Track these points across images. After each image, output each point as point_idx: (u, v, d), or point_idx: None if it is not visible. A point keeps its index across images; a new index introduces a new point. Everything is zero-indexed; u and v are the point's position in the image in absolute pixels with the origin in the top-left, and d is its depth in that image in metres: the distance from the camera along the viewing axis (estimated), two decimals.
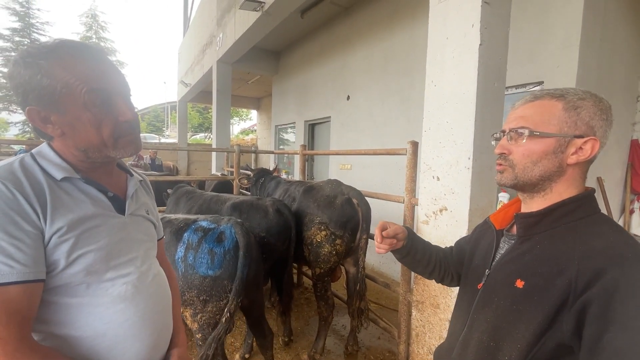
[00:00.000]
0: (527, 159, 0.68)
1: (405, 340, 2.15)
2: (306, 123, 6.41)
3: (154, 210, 0.92)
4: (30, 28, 15.65)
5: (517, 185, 0.71)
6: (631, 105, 3.19)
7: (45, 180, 0.65)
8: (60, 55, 0.64)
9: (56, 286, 0.65)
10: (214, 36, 6.71)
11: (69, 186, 0.69)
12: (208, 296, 1.57)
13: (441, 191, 1.73)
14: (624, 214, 3.26)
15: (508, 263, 0.71)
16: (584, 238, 0.62)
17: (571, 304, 0.58)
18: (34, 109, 0.65)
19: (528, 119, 0.68)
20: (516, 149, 0.70)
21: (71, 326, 0.66)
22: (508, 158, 0.71)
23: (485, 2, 1.51)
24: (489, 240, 0.82)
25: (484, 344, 0.71)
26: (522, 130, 0.68)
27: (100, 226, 0.70)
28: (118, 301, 0.71)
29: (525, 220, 0.71)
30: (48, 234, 0.63)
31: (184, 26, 11.59)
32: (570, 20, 2.37)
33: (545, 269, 0.63)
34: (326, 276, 2.22)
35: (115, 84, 0.70)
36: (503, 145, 0.72)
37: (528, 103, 0.70)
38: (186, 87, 9.76)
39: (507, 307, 0.67)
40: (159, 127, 25.95)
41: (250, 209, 2.17)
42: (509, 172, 0.71)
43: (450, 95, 1.66)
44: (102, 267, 0.69)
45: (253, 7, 4.29)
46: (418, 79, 3.69)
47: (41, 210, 0.62)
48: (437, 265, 0.97)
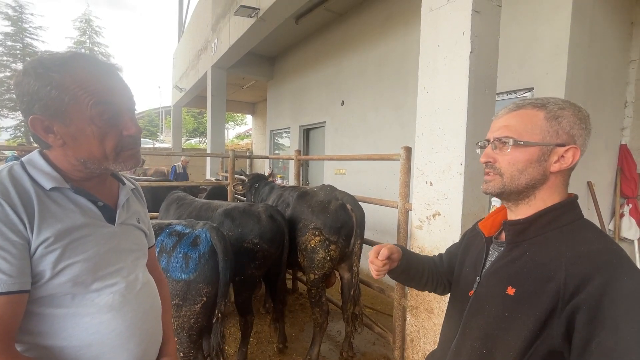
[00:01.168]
0: (513, 167, 0.69)
1: (400, 345, 2.14)
2: (301, 128, 6.43)
3: (145, 219, 0.91)
4: (23, 32, 15.54)
5: (503, 193, 0.72)
6: (619, 110, 3.25)
7: (33, 190, 0.64)
8: (73, 67, 0.64)
9: (41, 297, 0.64)
10: (209, 41, 6.72)
11: (59, 196, 0.68)
12: (181, 300, 1.57)
13: (434, 196, 1.75)
14: (614, 218, 3.30)
15: (498, 270, 0.72)
16: (571, 244, 0.63)
17: (560, 310, 0.58)
18: (37, 117, 0.64)
19: (512, 128, 0.69)
20: (502, 157, 0.71)
21: (56, 337, 0.65)
22: (495, 167, 0.72)
23: (475, 11, 1.54)
24: (479, 247, 0.82)
25: (477, 351, 0.71)
26: (506, 140, 0.69)
27: (88, 236, 0.69)
28: (104, 311, 0.70)
29: (513, 228, 0.72)
30: (34, 244, 0.62)
31: (179, 31, 11.60)
32: (559, 28, 2.43)
33: (535, 276, 0.64)
34: (321, 282, 2.21)
35: (123, 98, 0.70)
36: (488, 154, 0.73)
37: (511, 112, 0.71)
38: (181, 92, 9.74)
39: (498, 315, 0.67)
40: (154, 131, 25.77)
41: (243, 215, 2.16)
42: (498, 180, 0.72)
43: (442, 102, 1.68)
44: (88, 277, 0.68)
45: (248, 13, 4.32)
46: (411, 84, 3.73)
47: (28, 220, 0.61)
48: (429, 278, 0.97)
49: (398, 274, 0.93)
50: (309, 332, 2.74)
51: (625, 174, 3.22)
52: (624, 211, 3.24)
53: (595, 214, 3.04)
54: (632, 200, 3.22)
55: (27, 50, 15.47)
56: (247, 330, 2.20)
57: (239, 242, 2.08)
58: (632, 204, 3.21)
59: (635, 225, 3.16)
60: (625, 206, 3.25)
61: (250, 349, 2.35)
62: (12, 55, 15.27)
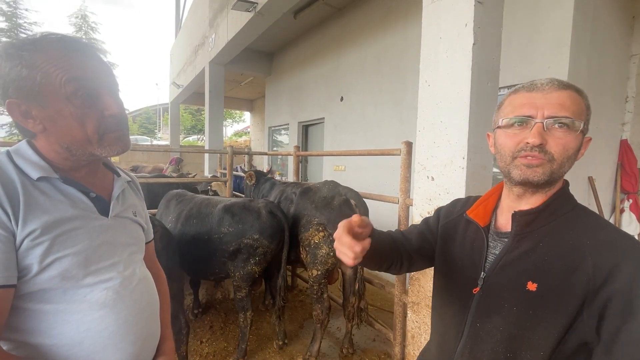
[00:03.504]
0: (565, 153, 0.62)
1: (401, 342, 2.13)
2: (300, 124, 6.39)
3: (142, 212, 0.88)
4: (17, 28, 15.32)
5: (546, 182, 0.63)
6: (620, 105, 3.24)
7: (19, 180, 0.61)
8: (43, 45, 0.61)
9: (29, 292, 0.61)
10: (206, 37, 6.65)
11: (47, 186, 0.65)
12: None
13: (436, 191, 1.72)
14: (614, 213, 3.30)
15: (510, 265, 0.67)
16: (590, 232, 0.62)
17: (590, 301, 0.56)
18: (13, 101, 0.61)
19: (569, 110, 0.61)
20: (554, 141, 0.61)
21: (45, 334, 0.63)
22: (546, 150, 0.62)
23: (478, 2, 1.51)
24: (476, 239, 0.75)
25: (500, 355, 0.65)
26: (567, 121, 0.60)
27: (79, 229, 0.66)
28: (97, 308, 0.67)
29: (525, 218, 0.67)
30: (20, 236, 0.59)
31: (176, 27, 11.49)
32: (561, 22, 2.40)
33: (557, 268, 0.61)
34: (323, 278, 2.19)
35: (100, 76, 0.66)
36: (542, 133, 0.61)
37: (562, 91, 0.62)
38: (178, 89, 9.66)
39: (522, 313, 0.63)
40: (151, 129, 25.65)
41: (243, 211, 2.13)
42: (546, 167, 0.62)
43: (444, 95, 1.66)
44: (79, 272, 0.65)
45: (245, 7, 4.26)
46: (411, 79, 3.70)
47: (12, 211, 0.58)
48: (390, 257, 0.83)
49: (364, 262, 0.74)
50: (309, 328, 2.73)
51: (625, 170, 3.21)
52: (624, 206, 3.24)
53: (596, 209, 3.03)
54: (632, 196, 3.21)
55: None
56: (246, 327, 2.19)
57: (239, 238, 2.06)
58: (632, 199, 3.21)
59: (635, 221, 3.16)
60: (626, 201, 3.24)
61: (249, 345, 2.33)
62: (3, 43, 15.13)
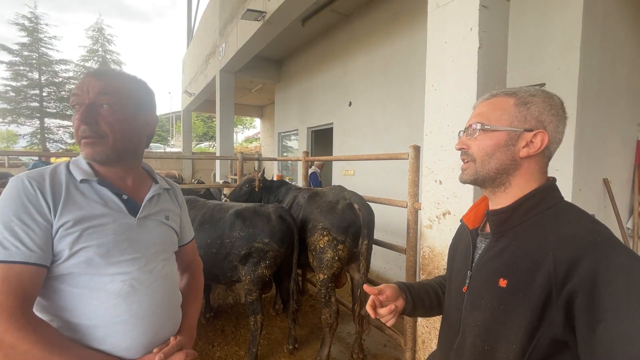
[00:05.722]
0: (483, 151, 0.71)
1: (412, 347, 2.11)
2: (309, 130, 6.45)
3: (175, 217, 0.96)
4: (38, 42, 16.00)
5: (477, 180, 0.74)
6: (636, 106, 3.16)
7: (65, 182, 0.76)
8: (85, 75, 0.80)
9: (62, 274, 0.72)
10: (217, 46, 6.81)
11: (86, 187, 0.78)
12: None
13: (444, 195, 1.72)
14: (632, 216, 3.20)
15: (488, 262, 0.71)
16: (554, 228, 0.62)
17: (556, 297, 0.57)
18: None
19: (482, 115, 0.72)
20: (472, 143, 0.73)
21: (71, 313, 0.73)
22: (468, 153, 0.74)
23: (483, 6, 1.52)
24: (466, 241, 0.81)
25: (479, 348, 0.69)
26: (475, 126, 0.72)
27: (106, 225, 0.77)
28: (112, 297, 0.75)
29: (496, 217, 0.71)
30: (56, 226, 0.71)
31: (188, 37, 11.81)
32: (570, 22, 2.37)
33: (523, 265, 0.63)
34: (330, 282, 2.20)
35: (88, 92, 0.76)
36: (462, 141, 0.76)
37: (485, 101, 0.75)
38: (190, 97, 9.89)
39: (494, 308, 0.66)
40: (164, 136, 26.23)
41: (253, 215, 2.17)
42: (471, 167, 0.74)
43: (451, 99, 1.66)
44: (101, 261, 0.74)
45: (255, 16, 4.36)
46: (418, 84, 3.70)
47: (54, 205, 0.72)
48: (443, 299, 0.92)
49: (412, 310, 0.89)
50: (319, 333, 2.73)
51: None
52: None
53: (613, 212, 2.95)
54: None
55: (42, 59, 15.92)
56: (257, 331, 2.21)
57: (250, 242, 2.09)
58: None
59: None
60: None
61: (260, 350, 2.35)
62: (29, 64, 15.74)
